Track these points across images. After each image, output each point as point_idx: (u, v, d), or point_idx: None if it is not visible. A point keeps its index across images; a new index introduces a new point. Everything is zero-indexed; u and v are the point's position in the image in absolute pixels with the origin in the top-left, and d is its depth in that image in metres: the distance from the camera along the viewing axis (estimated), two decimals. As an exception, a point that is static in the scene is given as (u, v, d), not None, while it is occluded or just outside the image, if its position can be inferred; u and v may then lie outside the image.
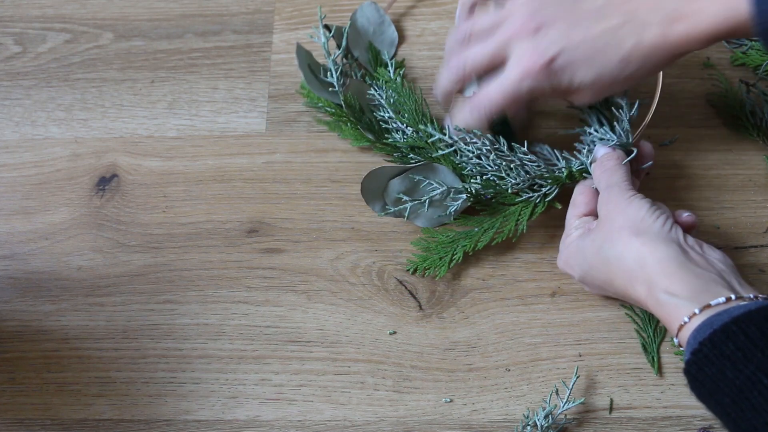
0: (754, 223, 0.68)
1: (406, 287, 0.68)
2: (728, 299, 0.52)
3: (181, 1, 0.81)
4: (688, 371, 0.50)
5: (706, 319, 0.51)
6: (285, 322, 0.68)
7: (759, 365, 0.47)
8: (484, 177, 0.67)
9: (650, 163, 0.65)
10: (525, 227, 0.66)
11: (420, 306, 0.68)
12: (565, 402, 0.62)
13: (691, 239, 0.57)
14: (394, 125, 0.70)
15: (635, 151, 0.64)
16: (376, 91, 0.71)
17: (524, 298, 0.67)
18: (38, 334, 0.69)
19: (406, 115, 0.69)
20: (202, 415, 0.66)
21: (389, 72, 0.73)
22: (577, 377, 0.64)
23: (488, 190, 0.67)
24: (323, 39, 0.71)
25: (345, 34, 0.74)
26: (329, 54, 0.71)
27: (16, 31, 0.81)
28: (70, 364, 0.68)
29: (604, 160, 0.63)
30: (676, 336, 0.53)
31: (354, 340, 0.67)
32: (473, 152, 0.66)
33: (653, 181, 0.69)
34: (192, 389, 0.67)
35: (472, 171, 0.67)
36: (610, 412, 0.64)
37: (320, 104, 0.73)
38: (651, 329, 0.64)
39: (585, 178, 0.66)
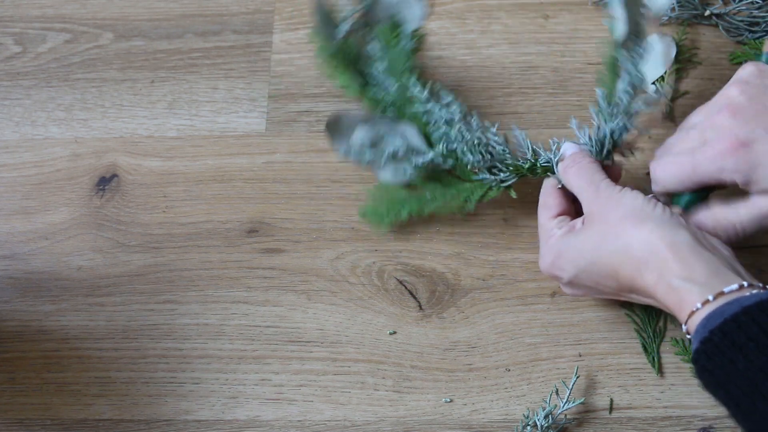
0: (754, 223, 0.68)
1: (406, 287, 0.68)
2: (740, 287, 0.51)
3: (181, 1, 0.81)
4: (696, 360, 0.50)
5: (716, 308, 0.50)
6: (285, 322, 0.68)
7: None
8: (448, 146, 0.66)
9: None
10: (473, 207, 0.67)
11: (420, 306, 0.68)
12: (565, 402, 0.62)
13: (693, 226, 0.57)
14: (380, 80, 0.70)
15: (612, 163, 0.63)
16: (374, 46, 0.71)
17: (524, 298, 0.67)
18: (38, 334, 0.69)
19: (392, 67, 0.69)
20: (202, 415, 0.66)
21: (402, 35, 0.73)
22: (577, 377, 0.64)
23: (448, 159, 0.66)
24: None
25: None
26: (342, 10, 0.70)
27: (16, 31, 0.81)
28: (70, 364, 0.68)
29: (577, 158, 0.62)
30: (685, 323, 0.52)
31: (354, 340, 0.67)
32: (444, 117, 0.66)
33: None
34: (192, 389, 0.67)
35: (438, 137, 0.67)
36: (610, 412, 0.64)
37: (321, 47, 0.72)
38: (651, 329, 0.65)
39: (548, 176, 0.64)
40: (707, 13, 0.74)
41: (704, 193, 0.60)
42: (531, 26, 0.76)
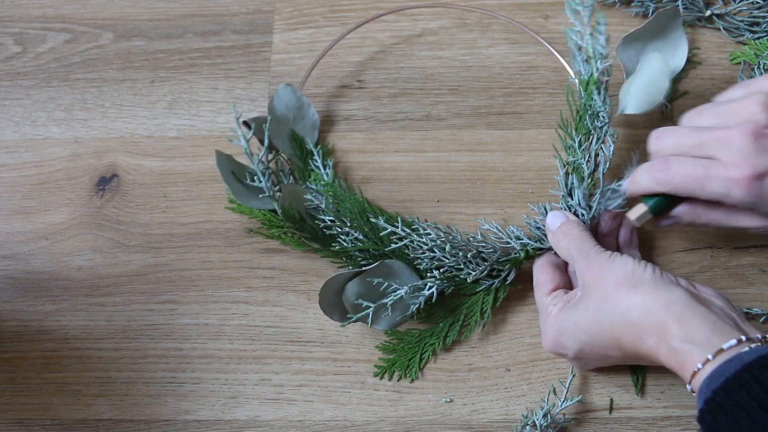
0: (754, 223, 0.68)
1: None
2: (739, 341, 0.50)
3: (181, 1, 0.81)
4: (702, 420, 0.50)
5: (718, 366, 0.50)
6: (285, 322, 0.68)
7: None
8: (442, 270, 0.64)
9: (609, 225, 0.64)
10: (490, 315, 0.65)
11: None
12: (563, 401, 0.62)
13: (683, 280, 0.56)
14: (339, 230, 0.66)
15: (593, 215, 0.63)
16: (311, 195, 0.67)
17: (524, 298, 0.67)
18: (38, 334, 0.69)
19: (349, 218, 0.66)
20: (202, 415, 0.66)
21: (317, 163, 0.70)
22: (574, 375, 0.64)
23: (448, 283, 0.64)
24: (243, 142, 0.63)
25: (266, 129, 0.66)
26: (252, 155, 0.64)
27: (16, 31, 0.81)
28: (70, 364, 0.68)
29: (565, 230, 0.61)
30: (689, 383, 0.52)
31: (354, 340, 0.67)
32: (427, 244, 0.64)
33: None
34: (192, 389, 0.67)
35: (428, 264, 0.64)
36: (610, 412, 0.64)
37: (252, 215, 0.69)
38: None
39: (538, 255, 0.65)
40: (708, 13, 0.74)
41: (678, 200, 0.61)
42: (531, 26, 0.76)
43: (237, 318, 0.68)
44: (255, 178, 0.65)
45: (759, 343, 0.51)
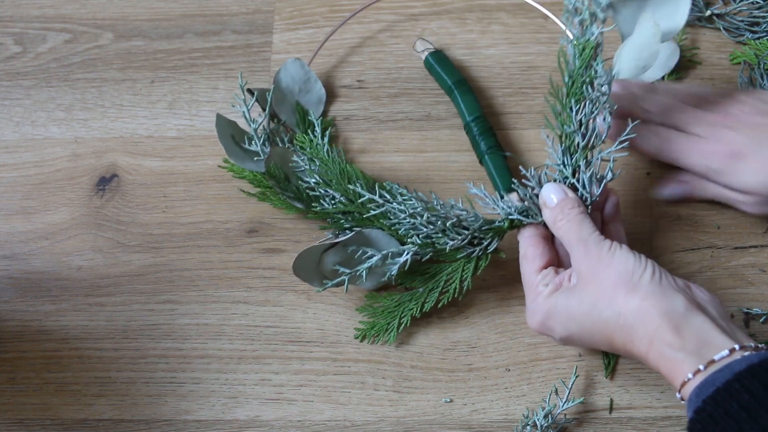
0: (754, 223, 0.68)
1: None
2: (731, 350, 0.50)
3: (181, 1, 0.81)
4: (692, 429, 0.50)
5: (708, 376, 0.50)
6: (285, 322, 0.68)
7: (764, 425, 0.46)
8: (421, 236, 0.63)
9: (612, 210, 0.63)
10: (470, 284, 0.64)
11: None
12: (565, 401, 0.62)
13: (680, 281, 0.56)
14: (322, 191, 0.67)
15: (596, 198, 0.61)
16: (299, 157, 0.67)
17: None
18: (38, 334, 0.69)
19: (332, 180, 0.66)
20: (202, 415, 0.66)
21: (317, 134, 0.70)
22: (576, 376, 0.64)
23: (426, 249, 0.63)
24: (245, 108, 0.66)
25: (269, 98, 0.69)
26: (252, 121, 0.66)
27: (16, 31, 0.81)
28: (70, 364, 0.68)
29: (564, 209, 0.60)
30: (679, 391, 0.52)
31: (354, 340, 0.67)
32: (406, 211, 0.63)
33: (653, 180, 0.69)
34: (192, 389, 0.67)
35: (407, 231, 0.63)
36: (610, 412, 0.64)
37: (245, 175, 0.71)
38: None
39: (524, 225, 0.62)
40: (708, 13, 0.74)
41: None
42: (531, 26, 0.76)
43: (237, 318, 0.68)
44: (252, 141, 0.66)
45: (750, 351, 0.50)
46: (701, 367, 0.50)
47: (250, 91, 0.69)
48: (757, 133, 0.63)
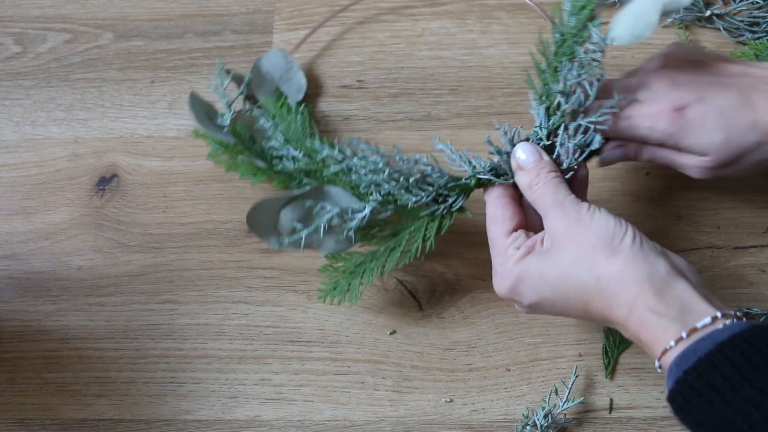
0: (754, 223, 0.68)
1: (406, 287, 0.68)
2: (714, 318, 0.49)
3: (181, 1, 0.81)
4: (672, 400, 0.49)
5: (690, 345, 0.49)
6: (285, 322, 0.68)
7: (747, 397, 0.45)
8: (382, 193, 0.60)
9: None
10: (434, 243, 0.61)
11: (420, 306, 0.68)
12: (565, 401, 0.62)
13: (659, 246, 0.54)
14: (284, 152, 0.64)
15: (574, 165, 0.59)
16: (264, 118, 0.67)
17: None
18: (38, 334, 0.69)
19: (293, 139, 0.65)
20: (202, 415, 0.66)
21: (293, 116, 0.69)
22: (576, 376, 0.64)
23: (387, 206, 0.60)
24: (218, 80, 0.67)
25: (246, 79, 0.71)
26: (224, 96, 0.67)
27: (16, 31, 0.81)
28: (70, 364, 0.68)
29: (540, 171, 0.58)
30: (658, 359, 0.51)
31: (354, 340, 0.67)
32: (365, 167, 0.60)
33: (652, 180, 0.69)
34: (192, 389, 0.67)
35: (368, 189, 0.60)
36: (610, 412, 0.64)
37: (211, 142, 0.68)
38: (618, 336, 0.64)
39: (493, 183, 0.60)
40: (708, 13, 0.74)
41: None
42: (531, 26, 0.76)
43: (237, 318, 0.68)
44: (223, 114, 0.67)
45: (731, 320, 0.49)
46: (684, 334, 0.49)
47: (228, 72, 0.71)
48: (703, 90, 0.58)
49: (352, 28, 0.78)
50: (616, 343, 0.64)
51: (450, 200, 0.61)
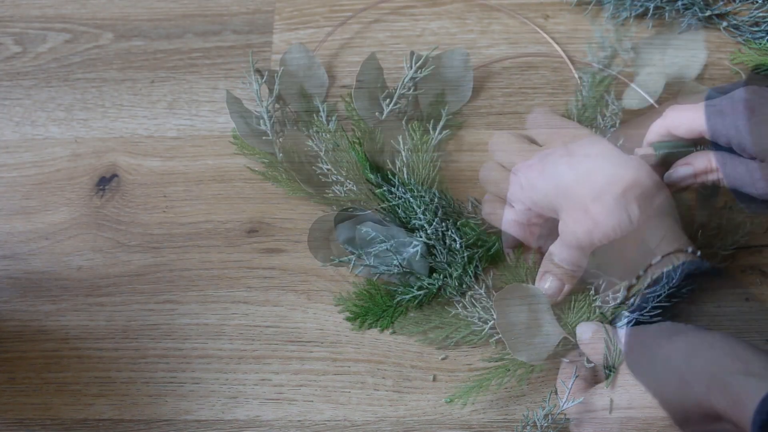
0: (754, 223, 0.68)
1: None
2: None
3: (181, 1, 0.81)
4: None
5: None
6: (285, 322, 0.68)
7: None
8: (429, 231, 0.65)
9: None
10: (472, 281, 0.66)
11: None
12: (565, 401, 0.62)
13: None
14: (334, 178, 0.68)
15: None
16: (314, 141, 0.70)
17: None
18: (38, 334, 0.69)
19: (345, 168, 0.68)
20: (202, 415, 0.66)
21: (322, 118, 0.71)
22: (576, 376, 0.64)
23: (434, 243, 0.65)
24: (256, 86, 0.69)
25: (277, 79, 0.72)
26: (261, 100, 0.68)
27: (16, 31, 0.81)
28: (70, 364, 0.68)
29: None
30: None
31: (354, 340, 0.67)
32: (420, 207, 0.65)
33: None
34: (192, 389, 0.67)
35: (416, 225, 0.66)
36: (610, 412, 0.63)
37: (254, 154, 0.72)
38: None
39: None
40: (708, 13, 0.74)
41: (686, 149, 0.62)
42: (531, 26, 0.76)
43: (237, 318, 0.68)
44: (261, 121, 0.67)
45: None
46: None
47: (260, 72, 0.70)
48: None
49: (352, 28, 0.78)
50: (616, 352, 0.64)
51: (488, 244, 0.66)
